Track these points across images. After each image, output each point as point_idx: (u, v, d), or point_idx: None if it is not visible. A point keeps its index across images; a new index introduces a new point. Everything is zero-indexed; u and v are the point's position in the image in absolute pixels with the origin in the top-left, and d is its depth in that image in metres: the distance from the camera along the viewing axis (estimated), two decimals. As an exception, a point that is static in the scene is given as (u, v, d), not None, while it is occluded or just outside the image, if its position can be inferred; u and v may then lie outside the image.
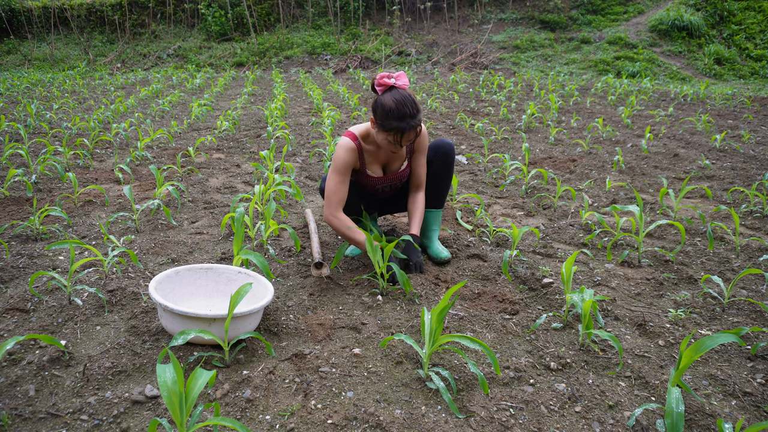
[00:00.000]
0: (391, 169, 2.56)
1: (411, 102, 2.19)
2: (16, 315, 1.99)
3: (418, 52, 16.41)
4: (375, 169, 2.52)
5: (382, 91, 2.25)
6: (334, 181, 2.38)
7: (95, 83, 12.44)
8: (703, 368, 1.75)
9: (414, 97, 2.23)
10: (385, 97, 2.21)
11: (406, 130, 2.19)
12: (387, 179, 2.55)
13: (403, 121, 2.17)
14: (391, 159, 2.51)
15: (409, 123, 2.18)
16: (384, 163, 2.54)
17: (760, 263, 2.61)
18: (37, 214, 2.83)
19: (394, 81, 2.23)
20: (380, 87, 2.25)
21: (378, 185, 2.57)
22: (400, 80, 2.25)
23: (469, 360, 1.59)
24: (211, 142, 5.56)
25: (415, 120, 2.20)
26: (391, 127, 2.19)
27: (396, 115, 2.17)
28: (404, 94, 2.20)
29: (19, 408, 1.48)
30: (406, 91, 2.21)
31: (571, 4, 17.37)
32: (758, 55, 14.53)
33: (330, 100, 9.01)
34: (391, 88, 2.23)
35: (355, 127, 2.46)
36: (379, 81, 2.24)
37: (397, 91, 2.20)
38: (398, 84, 2.23)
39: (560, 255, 2.73)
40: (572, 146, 5.57)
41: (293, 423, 1.45)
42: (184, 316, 1.70)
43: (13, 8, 18.92)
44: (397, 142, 2.23)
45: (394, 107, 2.16)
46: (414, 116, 2.19)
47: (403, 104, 2.16)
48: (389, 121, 2.18)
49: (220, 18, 18.13)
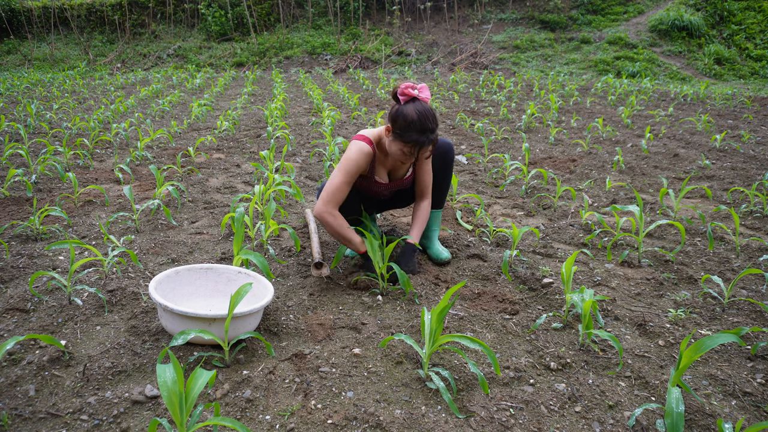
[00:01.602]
0: (396, 176, 2.54)
1: (433, 116, 2.17)
2: (16, 315, 1.99)
3: (418, 52, 16.42)
4: (382, 175, 2.50)
5: (404, 101, 2.21)
6: (341, 181, 2.31)
7: (95, 83, 12.44)
8: (703, 368, 1.75)
9: (434, 111, 2.21)
10: (407, 108, 2.17)
11: (425, 144, 2.17)
12: (391, 186, 2.54)
13: (423, 134, 2.15)
14: (397, 166, 2.49)
15: (429, 137, 2.16)
16: (390, 170, 2.52)
17: (760, 263, 2.61)
18: (37, 214, 2.83)
19: (417, 93, 2.21)
20: (403, 96, 2.21)
21: (383, 192, 2.55)
22: (423, 93, 2.23)
23: (469, 360, 1.59)
24: (211, 142, 5.56)
25: (434, 135, 2.19)
26: (410, 139, 2.16)
27: (418, 127, 2.14)
28: (427, 107, 2.17)
29: (19, 408, 1.48)
30: (428, 105, 2.19)
31: (571, 4, 17.38)
32: (758, 55, 14.53)
33: (330, 100, 9.01)
34: (413, 100, 2.20)
35: (369, 132, 2.39)
36: (402, 90, 2.20)
37: (420, 104, 2.18)
38: (421, 96, 2.21)
39: (560, 255, 2.74)
40: (572, 146, 5.57)
41: (293, 423, 1.45)
42: (184, 316, 1.70)
43: (13, 8, 18.92)
44: (413, 154, 2.20)
45: (417, 120, 2.13)
46: (433, 131, 2.18)
47: (426, 118, 2.14)
48: (409, 133, 2.15)
49: (220, 18, 18.13)
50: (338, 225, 2.32)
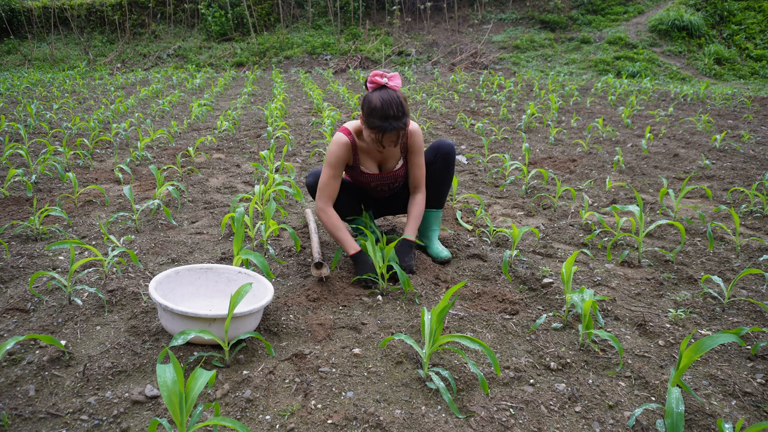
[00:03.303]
0: (386, 168, 2.55)
1: (397, 104, 2.17)
2: (16, 315, 1.99)
3: (418, 52, 16.42)
4: (370, 165, 2.52)
5: (372, 88, 2.25)
6: (327, 176, 2.39)
7: (95, 83, 12.44)
8: (703, 368, 1.74)
9: (403, 99, 2.21)
10: (373, 95, 2.21)
11: (387, 130, 2.18)
12: (382, 177, 2.54)
13: (385, 121, 2.17)
14: (385, 157, 2.50)
15: (391, 124, 2.17)
16: (379, 162, 2.53)
17: (760, 263, 2.61)
18: (37, 214, 2.83)
19: (386, 81, 2.23)
20: (371, 84, 2.25)
21: (372, 183, 2.56)
22: (393, 81, 2.24)
23: (469, 360, 1.59)
24: (211, 142, 5.56)
25: (398, 122, 2.18)
26: (373, 125, 2.19)
27: (379, 114, 2.17)
28: (392, 95, 2.18)
29: (19, 408, 1.48)
30: (395, 93, 2.20)
31: (571, 4, 17.37)
32: (758, 55, 14.53)
33: (330, 100, 9.01)
34: (382, 87, 2.23)
35: (349, 123, 2.47)
36: (371, 78, 2.24)
37: (386, 91, 2.20)
38: (390, 84, 2.23)
39: (560, 255, 2.73)
40: (572, 146, 5.57)
41: (293, 423, 1.45)
42: (184, 316, 1.70)
43: (13, 8, 18.92)
44: (379, 141, 2.23)
45: (379, 106, 2.16)
46: (398, 118, 2.17)
47: (388, 105, 2.16)
48: (372, 119, 2.19)
49: (220, 18, 18.13)
50: (331, 224, 2.38)
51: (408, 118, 2.22)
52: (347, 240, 2.37)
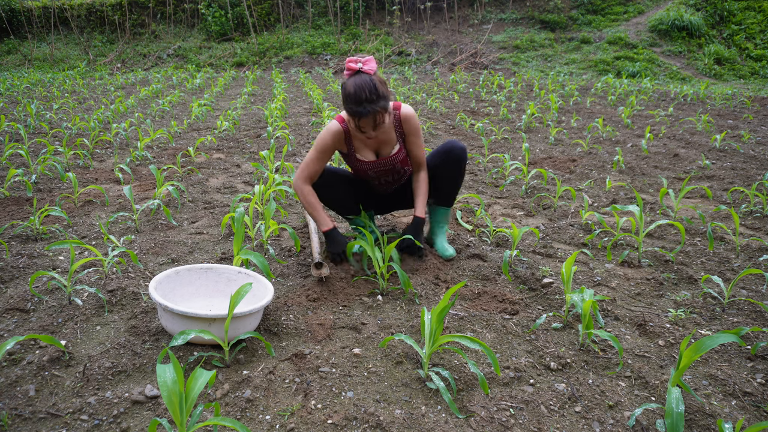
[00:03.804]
0: (383, 154, 2.53)
1: (370, 87, 2.16)
2: (16, 315, 1.99)
3: (418, 52, 16.42)
4: (365, 153, 2.52)
5: (348, 75, 2.25)
6: (310, 157, 2.46)
7: (95, 83, 12.44)
8: (703, 368, 1.75)
9: (379, 82, 2.19)
10: (347, 81, 2.22)
11: (363, 114, 2.17)
12: (378, 163, 2.52)
13: (360, 105, 2.16)
14: (379, 143, 2.49)
15: (366, 108, 2.16)
16: (375, 149, 2.52)
17: (760, 263, 2.61)
18: (37, 214, 2.83)
19: (361, 66, 2.22)
20: (347, 71, 2.26)
21: (371, 170, 2.55)
22: (367, 65, 2.23)
23: (469, 360, 1.59)
24: (211, 142, 5.56)
25: (373, 106, 2.16)
26: (351, 111, 2.20)
27: (353, 99, 2.17)
28: (365, 79, 2.18)
29: (19, 408, 1.48)
30: (369, 77, 2.19)
31: (571, 4, 17.37)
32: (758, 55, 14.53)
33: (330, 100, 9.01)
34: (357, 73, 2.22)
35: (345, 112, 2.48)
36: (346, 65, 2.25)
37: (360, 76, 2.19)
38: (365, 69, 2.22)
39: (560, 255, 2.73)
40: (572, 146, 5.57)
41: (293, 423, 1.45)
42: (184, 316, 1.70)
43: (13, 8, 18.92)
44: (357, 126, 2.24)
45: (353, 92, 2.17)
46: (372, 102, 2.16)
47: (361, 89, 2.15)
48: (348, 105, 2.20)
49: (220, 18, 18.12)
50: (306, 201, 2.46)
51: (384, 101, 2.19)
52: (321, 217, 2.44)
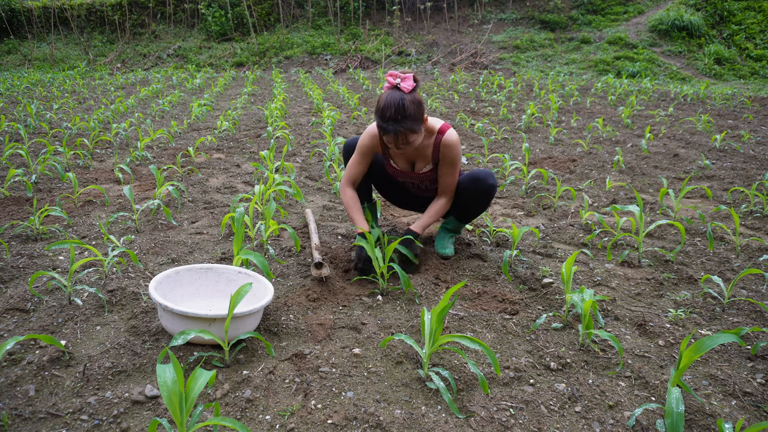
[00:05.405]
0: (417, 167, 2.56)
1: (398, 106, 2.16)
2: (16, 315, 1.99)
3: (418, 52, 16.41)
4: (399, 161, 2.55)
5: (387, 88, 2.28)
6: (353, 159, 2.56)
7: (95, 83, 12.44)
8: (703, 368, 1.75)
9: (410, 102, 2.18)
10: (382, 94, 2.25)
11: (386, 131, 2.20)
12: (407, 175, 2.57)
13: (384, 121, 2.19)
14: (412, 157, 2.52)
15: (388, 126, 2.18)
16: (409, 160, 2.55)
17: (760, 263, 2.61)
18: (37, 214, 2.83)
19: (399, 82, 2.24)
20: (386, 84, 2.29)
21: (400, 178, 2.62)
22: (404, 83, 2.24)
23: (469, 360, 1.59)
24: (211, 142, 5.56)
25: (396, 125, 2.17)
26: (377, 124, 2.25)
27: (380, 113, 2.21)
28: (396, 96, 2.18)
29: (19, 408, 1.48)
30: (401, 95, 2.18)
31: (571, 4, 17.37)
32: (758, 55, 14.53)
33: (330, 100, 9.01)
34: (395, 88, 2.24)
35: None
36: (387, 76, 2.28)
37: (393, 93, 2.20)
38: (401, 86, 2.23)
39: (560, 255, 2.73)
40: (572, 146, 5.57)
41: (293, 423, 1.45)
42: (184, 316, 1.70)
43: (13, 8, 18.92)
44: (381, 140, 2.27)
45: (381, 106, 2.20)
46: (396, 121, 2.16)
47: (388, 106, 2.17)
48: (376, 118, 2.24)
49: (220, 18, 18.12)
50: (345, 202, 2.56)
51: (412, 122, 2.18)
52: (357, 219, 2.49)
